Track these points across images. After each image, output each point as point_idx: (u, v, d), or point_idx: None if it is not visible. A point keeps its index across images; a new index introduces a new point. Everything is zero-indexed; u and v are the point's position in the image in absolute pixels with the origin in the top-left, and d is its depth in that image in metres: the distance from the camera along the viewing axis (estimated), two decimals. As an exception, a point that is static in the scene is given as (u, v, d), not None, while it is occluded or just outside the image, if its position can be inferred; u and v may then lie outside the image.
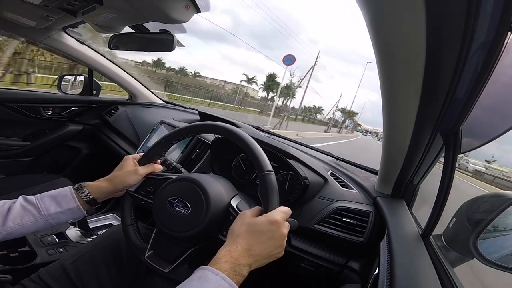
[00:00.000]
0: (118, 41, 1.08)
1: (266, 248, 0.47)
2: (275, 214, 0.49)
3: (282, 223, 0.49)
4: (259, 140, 0.74)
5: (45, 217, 0.56)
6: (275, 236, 0.47)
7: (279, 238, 0.48)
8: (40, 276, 0.60)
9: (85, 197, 0.59)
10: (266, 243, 0.47)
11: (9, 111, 1.37)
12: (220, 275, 0.40)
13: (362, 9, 0.36)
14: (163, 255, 0.57)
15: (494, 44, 0.35)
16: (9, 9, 1.01)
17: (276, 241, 0.48)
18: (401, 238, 0.61)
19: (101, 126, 1.67)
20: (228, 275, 0.41)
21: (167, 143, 0.64)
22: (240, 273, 0.42)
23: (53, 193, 0.58)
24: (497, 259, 0.53)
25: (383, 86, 0.48)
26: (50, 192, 0.59)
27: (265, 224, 0.47)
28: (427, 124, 0.54)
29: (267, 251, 0.47)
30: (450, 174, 0.55)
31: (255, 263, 0.45)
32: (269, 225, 0.47)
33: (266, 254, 0.47)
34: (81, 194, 0.59)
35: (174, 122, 1.27)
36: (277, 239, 0.48)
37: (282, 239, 0.49)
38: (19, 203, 0.55)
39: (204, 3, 0.75)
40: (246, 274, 0.43)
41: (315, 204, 0.85)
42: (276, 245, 0.48)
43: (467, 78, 0.41)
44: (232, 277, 0.41)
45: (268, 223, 0.47)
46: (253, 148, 0.54)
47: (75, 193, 0.59)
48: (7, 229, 0.53)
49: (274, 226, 0.47)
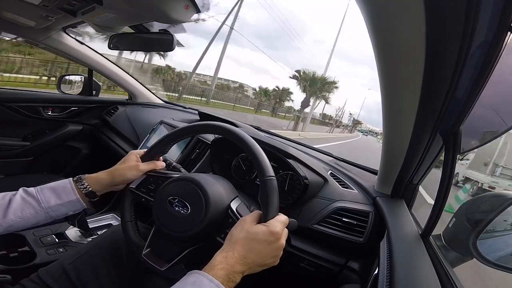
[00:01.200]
0: (118, 41, 1.09)
1: (262, 258, 0.47)
2: (276, 225, 0.49)
3: (281, 234, 0.49)
4: (258, 140, 0.74)
5: (45, 210, 0.56)
6: (272, 246, 0.48)
7: (276, 249, 0.48)
8: (40, 276, 0.60)
9: (84, 189, 0.59)
10: (263, 253, 0.47)
11: (9, 111, 1.36)
12: (214, 281, 0.40)
13: (361, 9, 0.36)
14: (161, 253, 0.57)
15: (494, 44, 0.35)
16: (8, 9, 1.01)
17: (273, 251, 0.48)
18: (400, 238, 0.61)
19: (101, 126, 1.67)
20: (222, 282, 0.41)
21: (169, 141, 0.65)
22: (234, 280, 0.43)
23: (53, 185, 0.58)
24: (497, 259, 0.53)
25: (382, 85, 0.48)
26: (50, 184, 0.59)
27: (265, 234, 0.47)
28: (426, 124, 0.53)
29: (261, 260, 0.47)
30: (450, 174, 0.55)
31: (248, 270, 0.46)
32: (269, 235, 0.47)
33: (260, 263, 0.47)
34: (80, 186, 0.59)
35: (173, 122, 1.27)
36: (274, 249, 0.48)
37: (279, 250, 0.49)
38: (20, 195, 0.55)
39: (203, 3, 0.75)
40: (239, 281, 0.44)
41: (314, 204, 0.85)
42: (272, 255, 0.48)
43: (467, 78, 0.41)
44: (225, 284, 0.41)
45: (268, 233, 0.47)
46: (255, 152, 0.54)
47: (75, 185, 0.59)
48: (8, 221, 0.53)
49: (273, 237, 0.48)
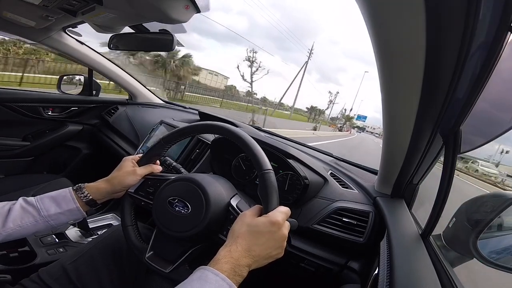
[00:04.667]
0: (118, 41, 1.08)
1: (266, 249, 0.46)
2: (276, 215, 0.49)
3: (282, 224, 0.49)
4: (258, 140, 0.74)
5: (45, 218, 0.56)
6: (275, 237, 0.47)
7: (279, 239, 0.48)
8: (40, 276, 0.60)
9: (85, 198, 0.59)
10: (266, 244, 0.46)
11: (9, 111, 1.36)
12: (220, 275, 0.40)
13: (361, 9, 0.36)
14: (164, 255, 0.57)
15: (494, 44, 0.35)
16: (9, 9, 1.01)
17: (276, 242, 0.48)
18: (401, 238, 0.61)
19: (101, 126, 1.67)
20: (228, 275, 0.41)
21: (166, 143, 0.64)
22: (240, 274, 0.42)
23: (53, 194, 0.58)
24: (497, 259, 0.53)
25: (383, 86, 0.48)
26: (50, 193, 0.59)
27: (266, 224, 0.47)
28: (427, 124, 0.53)
29: (266, 251, 0.47)
30: (450, 174, 0.55)
31: (255, 263, 0.45)
32: (270, 226, 0.47)
33: (265, 255, 0.47)
34: (81, 195, 0.59)
35: (173, 122, 1.27)
36: (277, 240, 0.48)
37: (283, 240, 0.49)
38: (19, 204, 0.55)
39: (204, 3, 0.75)
40: (245, 274, 0.43)
41: (315, 204, 0.85)
42: (276, 246, 0.48)
43: (467, 78, 0.41)
44: (231, 278, 0.41)
45: (269, 224, 0.47)
46: (252, 147, 0.54)
47: (75, 194, 0.59)
48: (7, 230, 0.53)
49: (274, 227, 0.47)
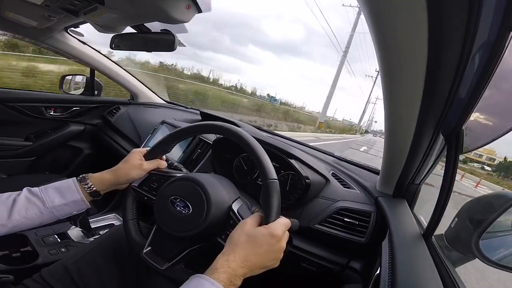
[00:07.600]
0: (119, 41, 1.09)
1: (262, 260, 0.47)
2: (277, 227, 0.49)
3: (282, 236, 0.49)
4: (260, 139, 0.74)
5: (49, 209, 0.56)
6: (273, 249, 0.48)
7: (277, 251, 0.49)
8: (42, 276, 0.61)
9: (88, 189, 0.59)
10: (264, 255, 0.47)
11: (11, 111, 1.37)
12: (216, 285, 0.41)
13: (363, 9, 0.36)
14: (161, 252, 0.57)
15: (496, 44, 0.35)
16: (11, 9, 1.02)
17: (274, 253, 0.48)
18: (402, 238, 0.61)
19: (103, 126, 1.68)
20: (224, 285, 0.41)
21: (173, 140, 0.65)
22: (235, 284, 0.43)
23: (57, 185, 0.59)
24: (500, 259, 0.53)
25: (384, 86, 0.48)
26: (54, 183, 0.59)
27: (265, 236, 0.47)
28: (429, 124, 0.53)
29: (262, 262, 0.47)
30: (452, 174, 0.55)
31: (249, 272, 0.46)
32: (270, 238, 0.47)
33: (261, 265, 0.47)
34: (85, 186, 0.59)
35: (175, 122, 1.27)
36: (275, 252, 0.48)
37: (280, 252, 0.49)
38: (24, 195, 0.55)
39: (205, 3, 0.75)
40: (240, 283, 0.44)
41: (316, 204, 0.85)
42: (273, 257, 0.49)
43: (469, 78, 0.41)
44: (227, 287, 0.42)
45: (269, 236, 0.47)
46: (258, 154, 0.54)
47: (79, 184, 0.59)
48: (13, 221, 0.53)
49: (274, 239, 0.48)
